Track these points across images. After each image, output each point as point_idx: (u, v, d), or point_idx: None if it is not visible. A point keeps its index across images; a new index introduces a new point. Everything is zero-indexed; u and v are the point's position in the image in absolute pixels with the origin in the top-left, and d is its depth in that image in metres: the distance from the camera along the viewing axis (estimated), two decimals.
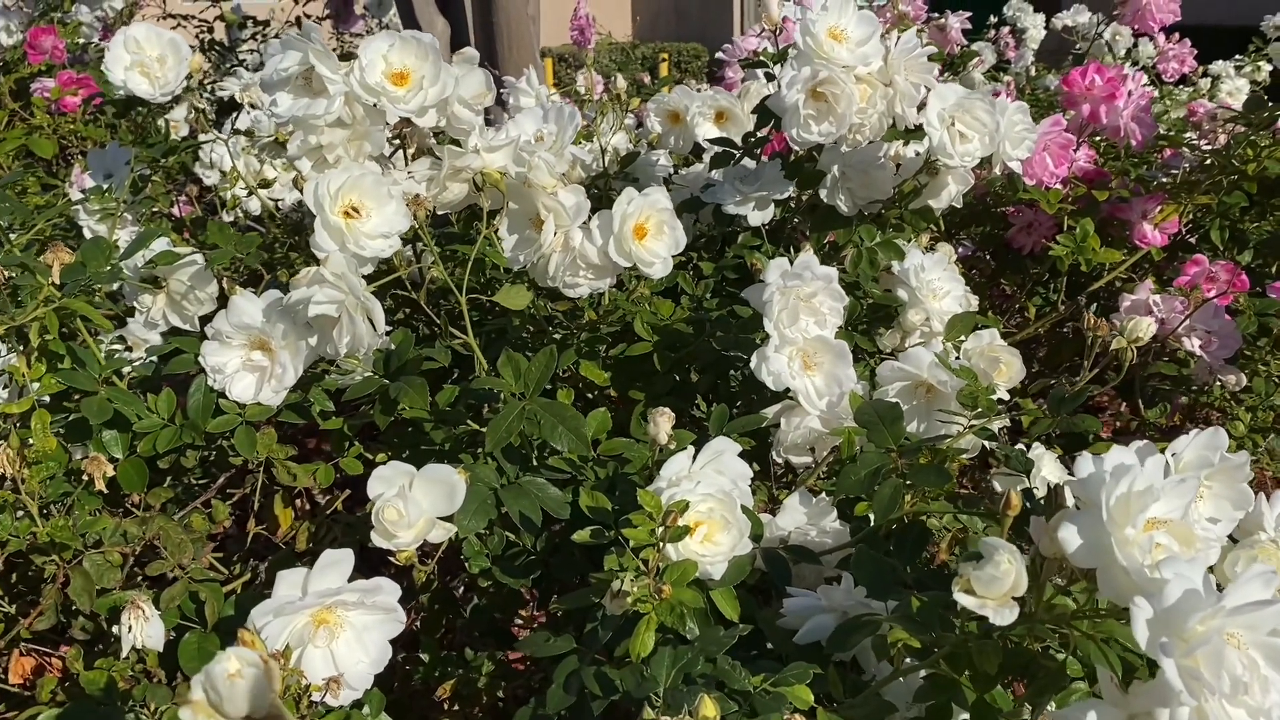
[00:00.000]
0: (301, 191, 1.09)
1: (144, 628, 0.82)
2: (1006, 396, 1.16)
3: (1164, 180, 1.78)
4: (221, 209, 1.80)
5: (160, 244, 1.12)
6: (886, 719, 0.79)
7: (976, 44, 3.30)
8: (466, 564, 1.01)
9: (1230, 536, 0.91)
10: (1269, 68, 3.28)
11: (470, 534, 0.98)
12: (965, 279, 1.50)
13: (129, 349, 1.24)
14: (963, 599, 0.64)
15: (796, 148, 1.35)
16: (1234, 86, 3.18)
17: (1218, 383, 1.46)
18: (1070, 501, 0.74)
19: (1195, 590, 0.61)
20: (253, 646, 0.54)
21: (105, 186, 1.41)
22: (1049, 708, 0.73)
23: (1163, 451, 0.78)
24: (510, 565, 1.04)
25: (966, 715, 0.76)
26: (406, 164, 1.17)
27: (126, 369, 1.12)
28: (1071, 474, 0.72)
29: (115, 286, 1.23)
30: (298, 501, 1.29)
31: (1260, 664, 0.61)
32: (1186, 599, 0.60)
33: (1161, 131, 2.11)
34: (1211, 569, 0.75)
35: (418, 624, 1.17)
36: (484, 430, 1.02)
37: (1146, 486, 0.67)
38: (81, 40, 2.80)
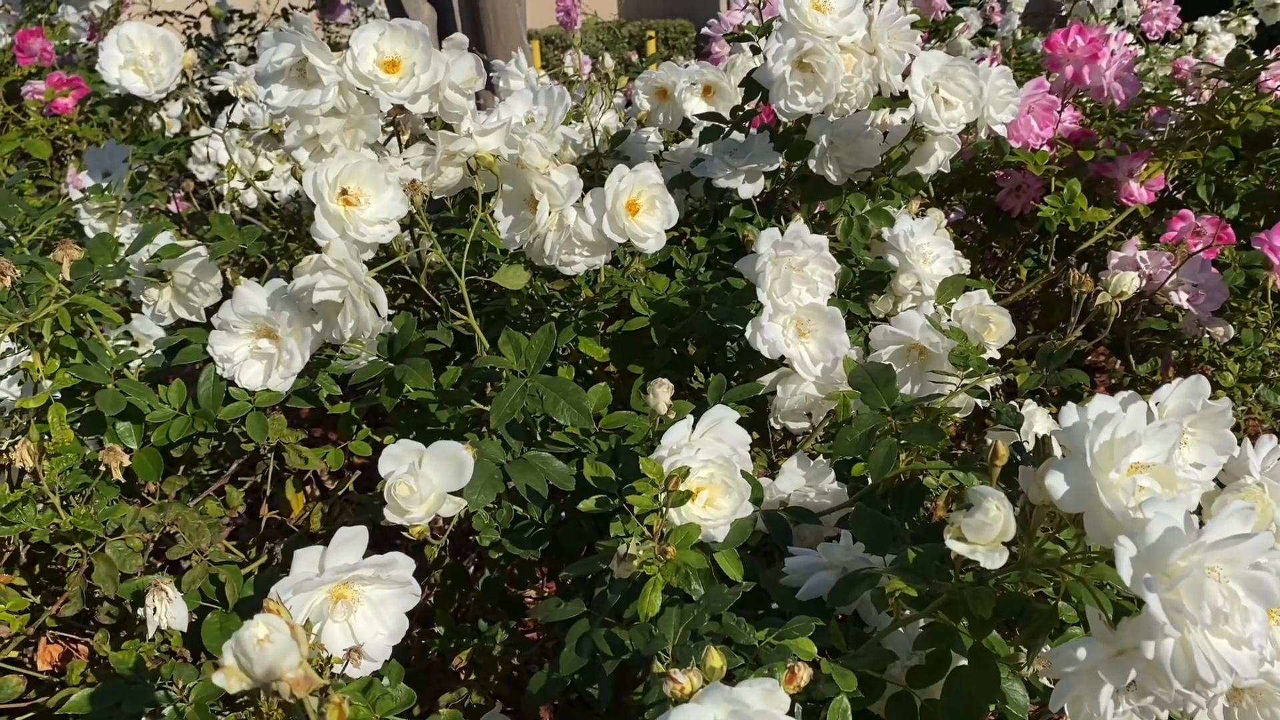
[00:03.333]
0: (300, 182, 1.11)
1: (168, 609, 0.84)
2: (997, 355, 1.18)
3: (1150, 138, 1.80)
4: (218, 203, 1.82)
5: (163, 238, 1.14)
6: (888, 667, 0.82)
7: (962, 9, 3.30)
8: (477, 537, 1.03)
9: (1218, 482, 0.94)
10: (1254, 22, 3.29)
11: (479, 508, 1.00)
12: (956, 243, 1.52)
13: (135, 344, 1.27)
14: (955, 545, 0.67)
15: (784, 119, 1.37)
16: (1220, 42, 3.19)
17: (1206, 335, 1.49)
18: (1057, 451, 0.76)
19: (1176, 528, 0.63)
20: (279, 614, 0.57)
21: (104, 185, 1.44)
22: (1043, 649, 0.76)
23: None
24: (519, 537, 1.07)
25: (965, 660, 0.79)
26: (401, 150, 1.19)
27: (135, 362, 1.14)
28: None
29: (119, 282, 1.26)
30: (308, 487, 1.32)
31: (1240, 595, 0.63)
32: (1168, 536, 0.63)
33: (1148, 90, 2.13)
34: (1200, 512, 0.78)
35: (431, 599, 1.20)
36: (488, 409, 1.04)
37: (1129, 432, 0.70)
38: (69, 41, 2.81)
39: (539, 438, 1.10)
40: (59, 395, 1.07)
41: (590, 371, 1.42)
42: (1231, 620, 0.63)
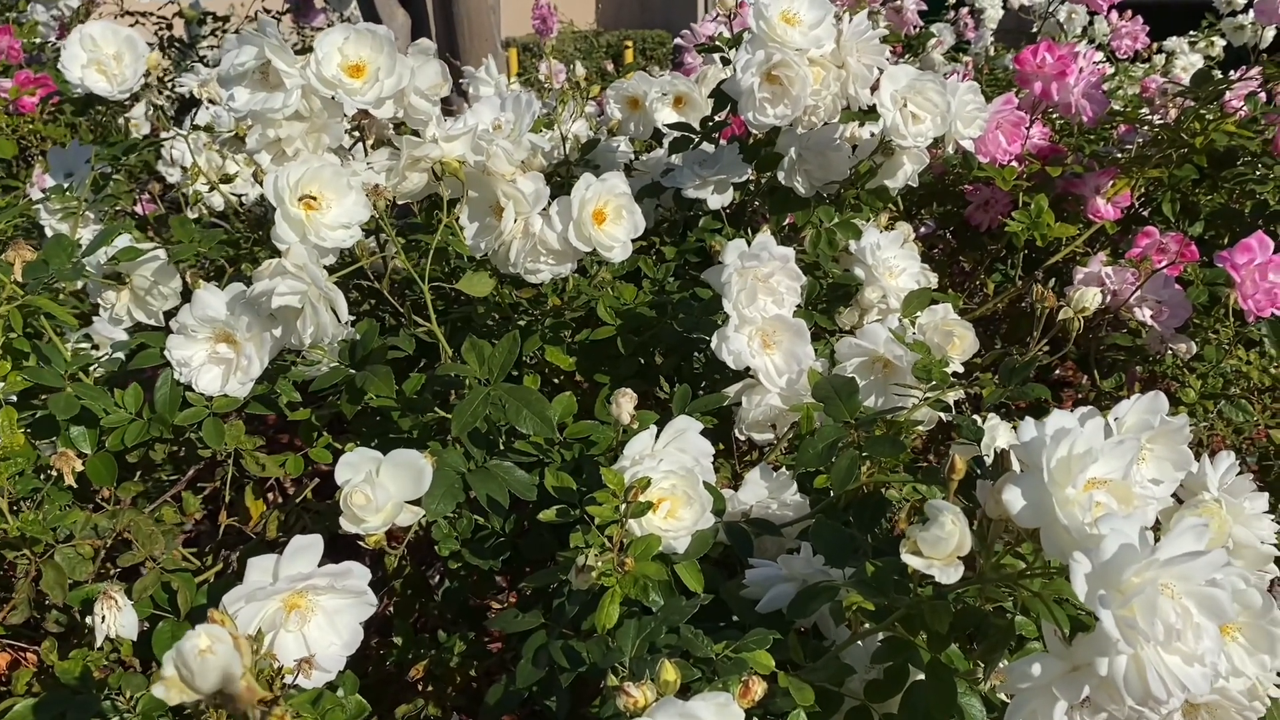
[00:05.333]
0: (262, 185, 1.10)
1: (117, 617, 0.83)
2: (961, 369, 1.19)
3: (1118, 156, 1.81)
4: (186, 206, 1.80)
5: (122, 240, 1.12)
6: (846, 681, 0.81)
7: (936, 25, 3.33)
8: (436, 547, 1.02)
9: (1177, 498, 0.95)
10: (1222, 43, 3.33)
11: (438, 517, 0.99)
12: (926, 258, 1.53)
13: (95, 347, 1.25)
14: (910, 560, 0.67)
15: (754, 131, 1.37)
16: (1188, 62, 3.22)
17: (1170, 351, 1.50)
18: (1016, 466, 0.76)
19: (1131, 544, 0.63)
20: (223, 624, 0.56)
21: (66, 185, 1.41)
22: (1001, 664, 0.76)
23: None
24: (480, 547, 1.06)
25: (923, 675, 0.79)
26: (366, 155, 1.18)
27: (93, 366, 1.13)
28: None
29: (80, 285, 1.24)
30: (270, 494, 1.30)
31: (1193, 612, 0.63)
32: (1122, 553, 0.63)
33: (1116, 108, 2.15)
34: (1158, 528, 0.79)
35: (391, 609, 1.19)
36: (451, 417, 1.03)
37: (1086, 448, 0.70)
38: (38, 40, 2.78)
39: (502, 447, 1.10)
40: (14, 398, 1.05)
41: (557, 381, 1.41)
42: (1184, 637, 0.63)
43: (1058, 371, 2.00)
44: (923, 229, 1.97)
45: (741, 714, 0.63)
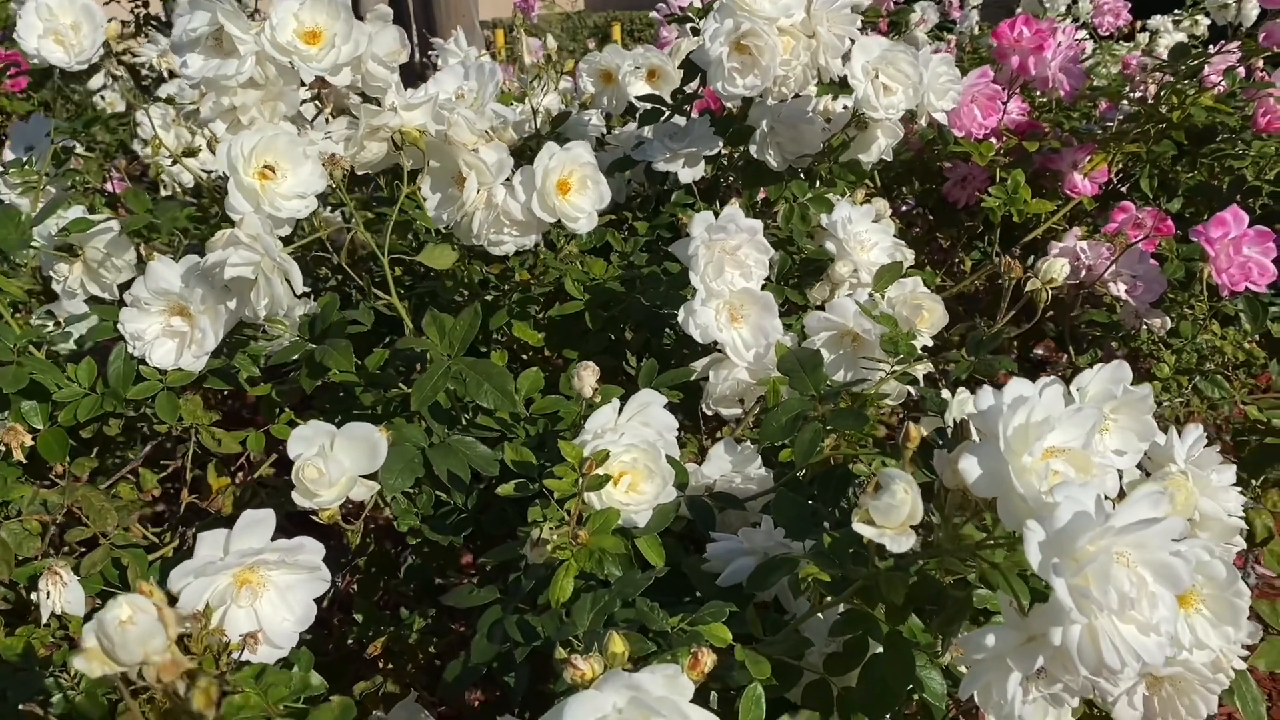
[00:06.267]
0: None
1: (62, 594, 0.81)
2: (930, 343, 1.17)
3: (1098, 132, 1.80)
4: (160, 185, 1.77)
5: (74, 211, 1.10)
6: (805, 654, 0.80)
7: (920, 3, 3.30)
8: (396, 523, 1.01)
9: (1145, 471, 0.94)
10: (1206, 22, 3.31)
11: (396, 492, 0.98)
12: (904, 235, 1.51)
13: (58, 324, 1.22)
14: (862, 529, 0.66)
15: (725, 102, 1.35)
16: (1171, 41, 3.21)
17: (1145, 327, 1.49)
18: (975, 436, 0.75)
19: (1086, 512, 0.62)
20: (150, 595, 0.54)
21: (25, 159, 1.39)
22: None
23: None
24: (441, 523, 1.04)
25: (882, 648, 0.77)
26: (326, 124, 1.16)
27: (48, 342, 1.10)
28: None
29: (39, 263, 1.21)
30: (240, 474, 1.28)
31: (1149, 580, 0.62)
32: (1076, 520, 0.62)
33: (1097, 84, 2.13)
34: (1123, 499, 0.78)
35: (354, 587, 1.17)
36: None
37: (1044, 416, 0.69)
38: (9, 14, 2.74)
39: (465, 422, 1.08)
40: None
41: (525, 357, 1.39)
42: (1139, 606, 0.61)
43: (1038, 351, 1.99)
44: (903, 207, 1.96)
45: (691, 686, 0.61)
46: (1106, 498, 0.65)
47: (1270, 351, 1.47)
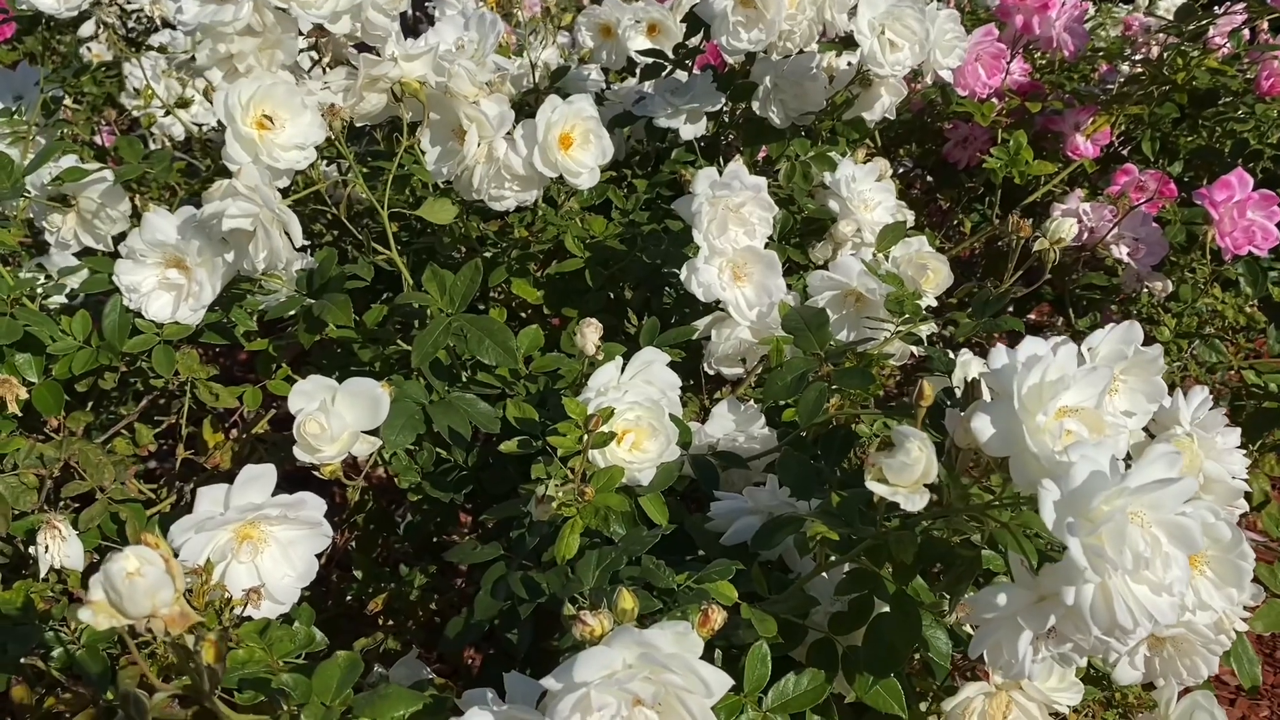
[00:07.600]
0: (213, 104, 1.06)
1: (61, 548, 0.80)
2: (934, 303, 1.16)
3: (1099, 94, 1.78)
4: (149, 139, 1.74)
5: (67, 160, 1.08)
6: (810, 613, 0.80)
7: None
8: (396, 479, 1.00)
9: (1149, 433, 0.93)
10: None
11: (397, 449, 0.97)
12: (903, 196, 1.50)
13: (49, 277, 1.20)
14: (875, 487, 0.65)
15: (728, 57, 1.33)
16: (1173, 3, 3.17)
17: (1145, 290, 1.48)
18: (986, 395, 0.74)
19: (1101, 471, 0.61)
20: (155, 547, 0.53)
21: (14, 109, 1.36)
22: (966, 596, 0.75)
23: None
24: (441, 480, 1.03)
25: (888, 608, 0.77)
26: (325, 76, 1.13)
27: (49, 296, 1.08)
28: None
29: (31, 215, 1.19)
30: (235, 430, 1.27)
31: (1163, 541, 0.62)
32: (1092, 480, 0.61)
33: (1099, 46, 2.11)
34: (1130, 461, 0.77)
35: (352, 545, 1.17)
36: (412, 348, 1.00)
37: (1059, 375, 0.68)
38: None
39: (465, 379, 1.07)
40: None
41: (524, 314, 1.38)
42: (1153, 566, 0.61)
43: (1031, 316, 1.99)
44: (901, 169, 1.94)
45: (700, 643, 0.61)
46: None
47: (1270, 315, 1.46)
